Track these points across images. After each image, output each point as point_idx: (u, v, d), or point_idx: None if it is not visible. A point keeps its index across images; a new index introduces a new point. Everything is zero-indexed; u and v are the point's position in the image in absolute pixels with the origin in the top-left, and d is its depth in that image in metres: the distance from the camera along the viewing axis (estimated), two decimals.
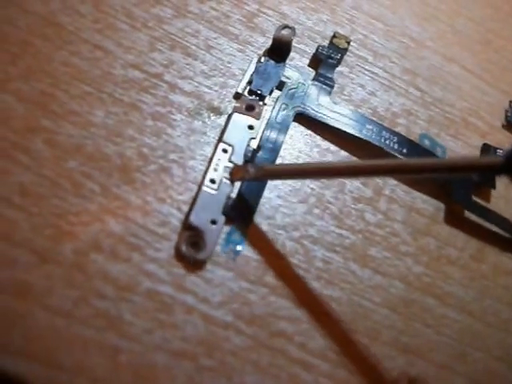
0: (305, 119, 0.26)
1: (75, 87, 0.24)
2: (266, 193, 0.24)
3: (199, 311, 0.22)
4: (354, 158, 0.27)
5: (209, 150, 0.24)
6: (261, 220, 0.24)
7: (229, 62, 0.26)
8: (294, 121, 0.26)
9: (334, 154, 0.26)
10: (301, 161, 0.26)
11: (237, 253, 0.23)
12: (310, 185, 0.25)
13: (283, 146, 0.25)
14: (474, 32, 0.32)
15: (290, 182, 0.25)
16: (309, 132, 0.26)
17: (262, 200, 0.24)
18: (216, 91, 0.25)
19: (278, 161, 0.25)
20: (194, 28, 0.26)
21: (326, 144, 0.26)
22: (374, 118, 0.27)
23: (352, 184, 0.26)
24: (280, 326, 0.23)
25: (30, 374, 0.19)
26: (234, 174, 0.24)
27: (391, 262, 0.25)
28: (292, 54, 0.27)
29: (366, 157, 0.27)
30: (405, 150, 0.27)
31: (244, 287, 0.23)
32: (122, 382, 0.20)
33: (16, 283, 0.20)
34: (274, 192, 0.25)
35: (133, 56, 0.25)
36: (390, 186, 0.27)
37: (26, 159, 0.22)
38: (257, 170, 0.23)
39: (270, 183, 0.25)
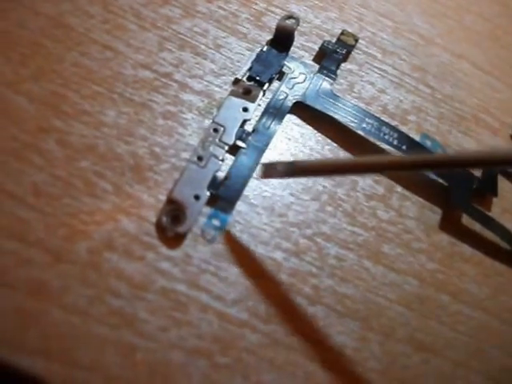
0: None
1: (86, 87, 0.24)
2: (279, 191, 0.24)
3: (214, 309, 0.22)
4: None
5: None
6: (273, 218, 0.24)
7: (238, 61, 0.26)
8: (292, 111, 0.26)
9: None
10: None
11: (217, 230, 0.23)
12: (322, 182, 0.25)
13: (277, 134, 0.25)
14: (483, 28, 0.32)
15: (302, 180, 0.25)
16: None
17: (275, 198, 0.24)
18: (226, 90, 0.25)
19: (270, 148, 0.25)
20: (202, 27, 0.27)
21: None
22: (384, 116, 0.27)
23: (364, 181, 0.26)
24: (295, 324, 0.22)
25: (47, 373, 0.19)
26: (263, 172, 0.23)
27: (404, 259, 0.25)
28: (300, 52, 0.28)
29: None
30: (404, 147, 0.26)
31: (258, 284, 0.23)
32: (138, 379, 0.20)
33: (31, 282, 0.20)
34: (287, 190, 0.25)
35: (142, 56, 0.25)
36: (402, 183, 0.26)
37: (38, 159, 0.22)
38: (286, 167, 0.22)
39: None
